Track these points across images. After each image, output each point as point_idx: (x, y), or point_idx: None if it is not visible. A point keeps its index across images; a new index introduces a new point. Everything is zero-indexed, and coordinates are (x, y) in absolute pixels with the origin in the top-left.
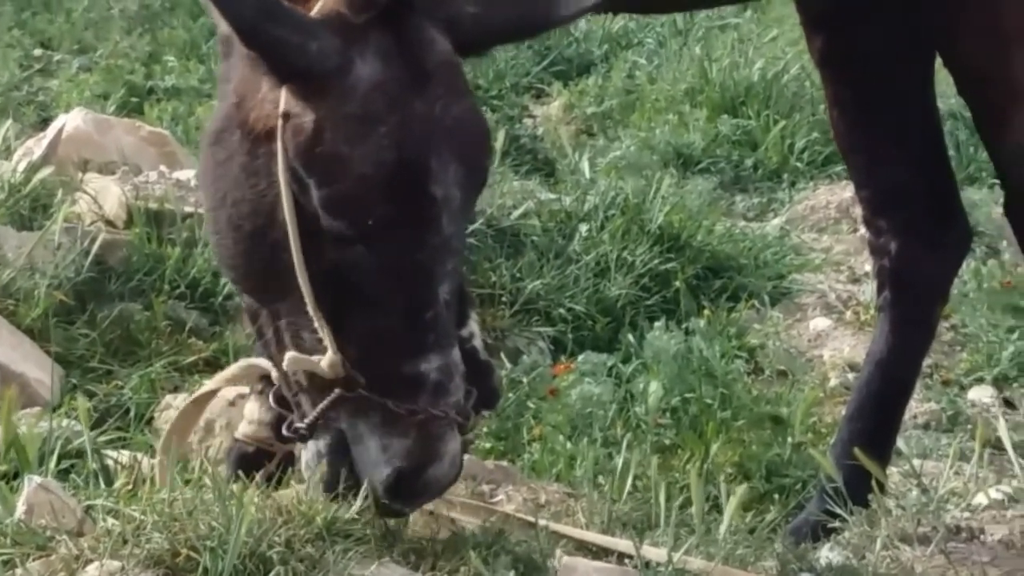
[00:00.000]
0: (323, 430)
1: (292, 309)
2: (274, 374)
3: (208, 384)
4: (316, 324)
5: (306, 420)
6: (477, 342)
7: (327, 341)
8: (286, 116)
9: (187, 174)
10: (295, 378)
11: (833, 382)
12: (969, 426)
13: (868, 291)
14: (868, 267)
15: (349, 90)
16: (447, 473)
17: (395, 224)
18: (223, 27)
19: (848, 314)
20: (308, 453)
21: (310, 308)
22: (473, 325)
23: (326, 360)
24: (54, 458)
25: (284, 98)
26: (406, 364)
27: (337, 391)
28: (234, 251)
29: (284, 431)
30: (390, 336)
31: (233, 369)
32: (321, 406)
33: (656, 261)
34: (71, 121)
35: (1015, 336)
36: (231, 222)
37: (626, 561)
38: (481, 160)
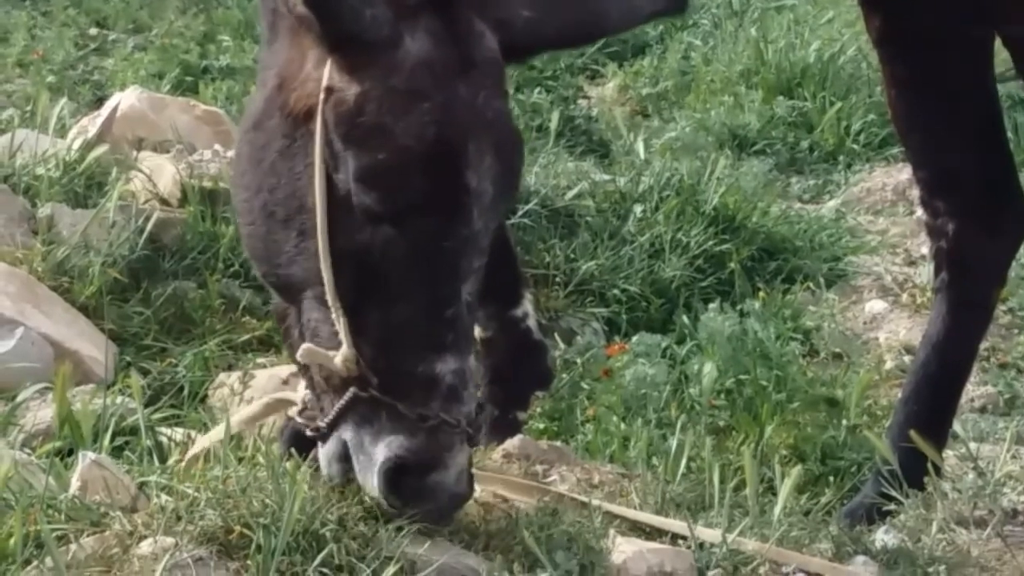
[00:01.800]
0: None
1: (314, 303)
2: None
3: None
4: (334, 315)
5: (325, 420)
6: (531, 322)
7: (342, 334)
8: (329, 91)
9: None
10: (317, 377)
11: (889, 364)
12: None
13: (924, 273)
14: (924, 249)
15: (397, 63)
16: (452, 486)
17: (427, 205)
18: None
19: (904, 296)
20: (323, 455)
21: (329, 295)
22: (527, 305)
23: (340, 355)
24: (108, 435)
25: (328, 73)
26: (422, 362)
27: (352, 391)
28: (266, 240)
29: (307, 431)
30: (408, 330)
31: (257, 407)
32: (338, 406)
33: (711, 242)
34: (126, 100)
35: None
36: (265, 209)
37: (680, 542)
38: (514, 160)
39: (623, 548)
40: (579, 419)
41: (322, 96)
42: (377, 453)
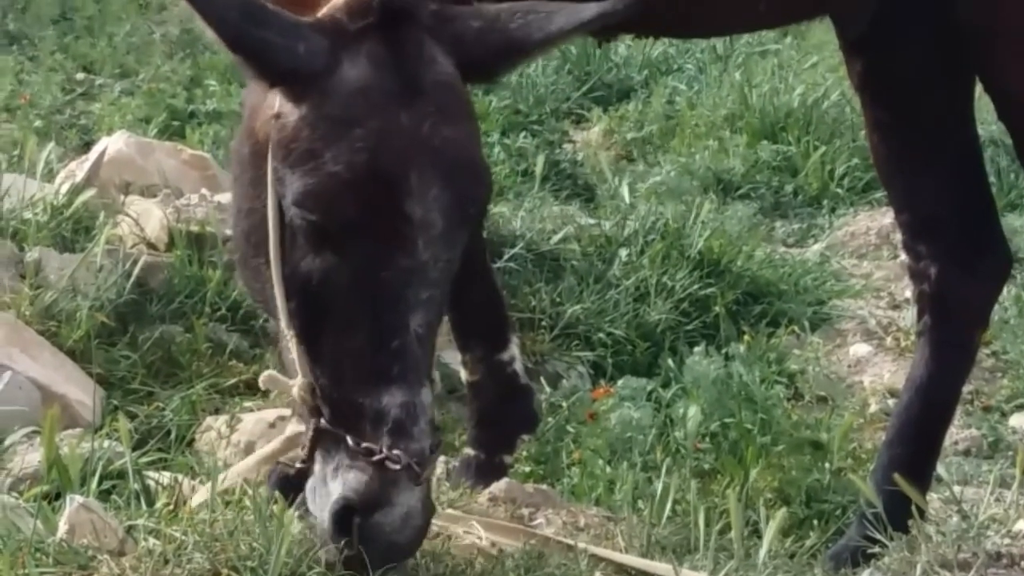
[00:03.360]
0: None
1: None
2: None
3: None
4: (289, 342)
5: (301, 458)
6: (518, 366)
7: (297, 362)
8: (276, 117)
9: (228, 197)
10: (301, 409)
11: (873, 408)
12: (1010, 453)
13: (908, 317)
14: (908, 293)
15: (332, 90)
16: (398, 526)
17: (363, 233)
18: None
19: (888, 340)
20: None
21: (283, 322)
22: (514, 349)
23: (296, 383)
24: (96, 479)
25: (277, 100)
26: (368, 394)
27: (313, 423)
28: (248, 267)
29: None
30: (354, 361)
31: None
32: (307, 441)
33: (696, 286)
34: (113, 144)
35: None
36: (244, 235)
37: None
38: (471, 190)
39: None
40: (565, 462)
41: (272, 122)
42: (332, 491)
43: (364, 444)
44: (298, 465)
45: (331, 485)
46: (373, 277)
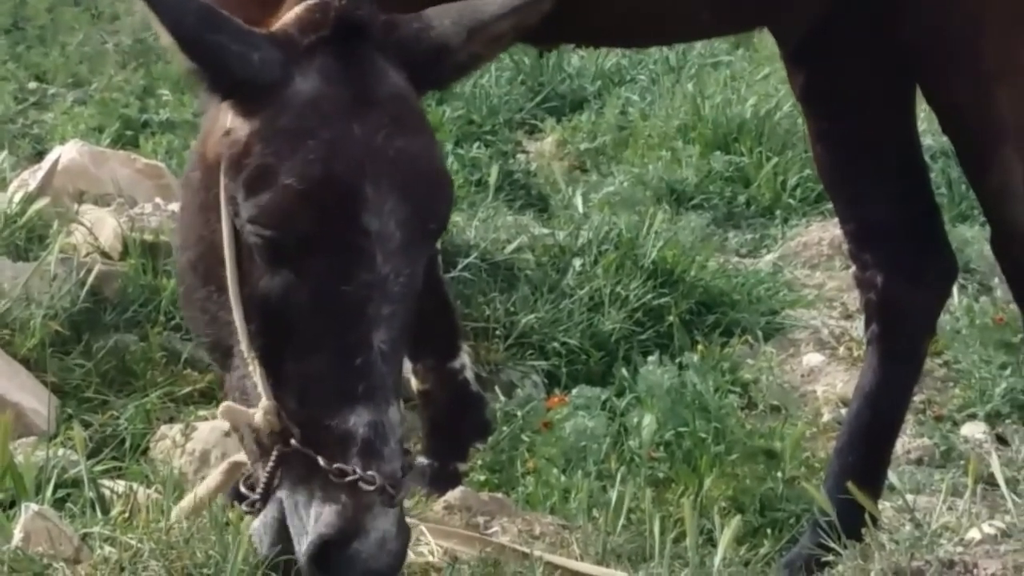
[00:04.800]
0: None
1: (239, 359)
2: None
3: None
4: (250, 366)
5: (257, 490)
6: (469, 374)
7: (260, 386)
8: (227, 133)
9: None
10: (250, 444)
11: (826, 417)
12: (962, 462)
13: (861, 327)
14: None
15: (285, 103)
16: (375, 554)
17: (321, 247)
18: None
19: (841, 350)
20: (257, 523)
21: (243, 345)
22: (465, 357)
23: (260, 408)
24: (51, 487)
25: (228, 116)
26: (334, 415)
27: (277, 449)
28: (193, 299)
29: (242, 506)
30: (318, 381)
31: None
32: (266, 469)
33: (650, 296)
34: (67, 153)
35: (1007, 372)
36: (191, 264)
37: None
38: (430, 201)
39: None
40: (519, 471)
41: (223, 140)
42: (309, 522)
43: (336, 465)
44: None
45: (307, 514)
46: (333, 293)
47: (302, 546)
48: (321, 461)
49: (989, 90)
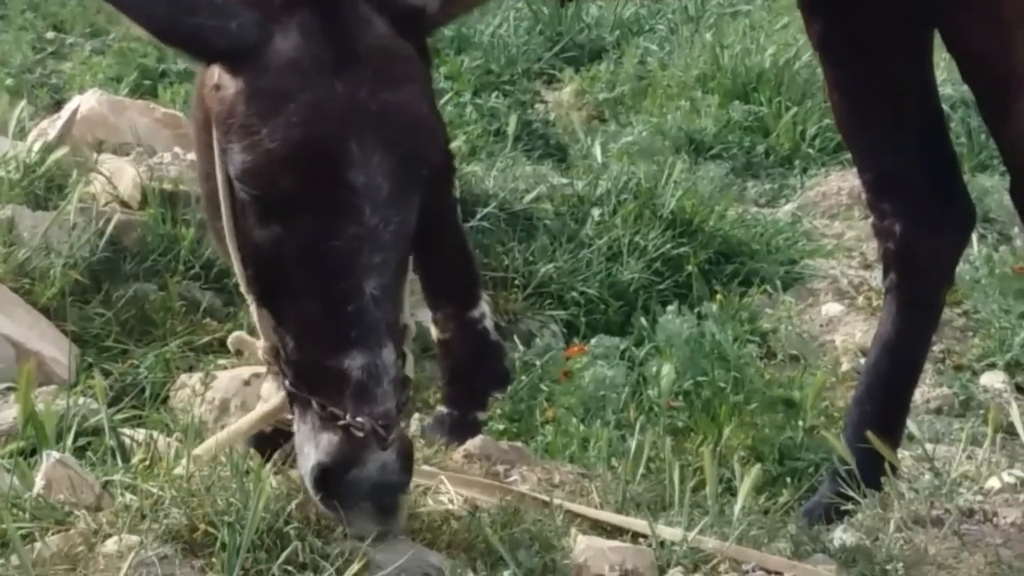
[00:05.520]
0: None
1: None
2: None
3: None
4: (250, 307)
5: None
6: (488, 323)
7: (258, 327)
8: (217, 88)
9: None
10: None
11: (845, 367)
12: (981, 411)
13: (879, 277)
14: None
15: (265, 64)
16: (373, 476)
17: (307, 206)
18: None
19: (860, 299)
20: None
21: (242, 285)
22: (484, 306)
23: (260, 346)
24: (71, 435)
25: (217, 71)
26: (328, 357)
27: (281, 383)
28: (213, 227)
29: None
30: (312, 326)
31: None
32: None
33: (668, 246)
34: (86, 102)
35: None
36: (206, 196)
37: (640, 540)
38: (418, 150)
39: (584, 546)
40: (538, 420)
41: (213, 93)
42: (310, 453)
43: (329, 408)
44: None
45: (307, 448)
46: (321, 247)
47: (307, 470)
48: (315, 403)
49: (1010, 37)
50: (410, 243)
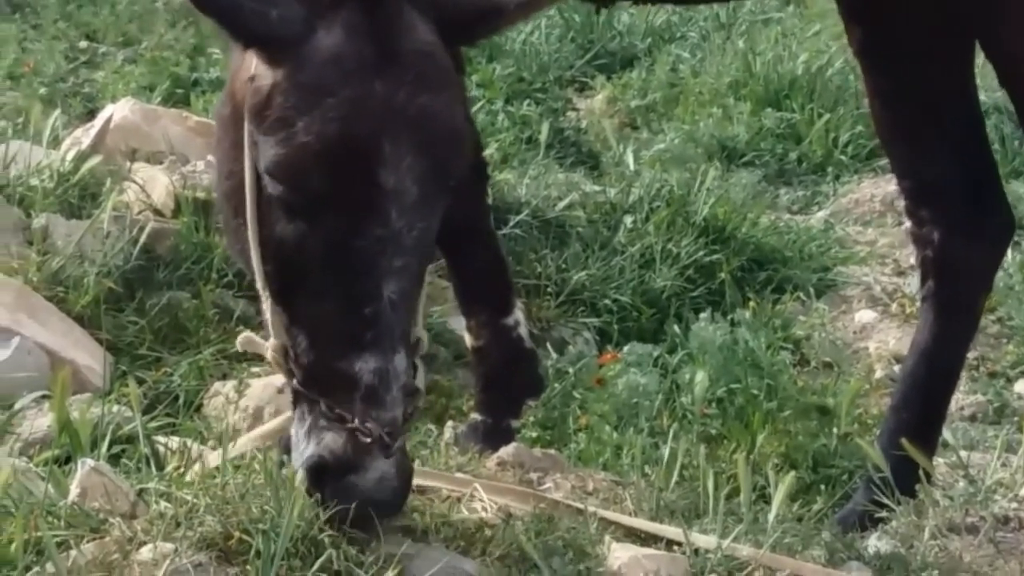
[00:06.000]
0: None
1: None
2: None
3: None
4: (263, 304)
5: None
6: (523, 330)
7: (269, 324)
8: (251, 80)
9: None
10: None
11: (879, 374)
12: (1016, 418)
13: (913, 284)
14: (913, 260)
15: (306, 58)
16: (371, 488)
17: (335, 204)
18: None
19: (893, 306)
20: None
21: (259, 284)
22: (519, 313)
23: (268, 346)
24: (106, 443)
25: (253, 63)
26: (340, 359)
27: (289, 384)
28: (229, 228)
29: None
30: (327, 326)
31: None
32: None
33: (701, 253)
34: (119, 111)
35: None
36: (225, 195)
37: (675, 548)
38: (449, 157)
39: (619, 554)
40: (572, 428)
41: (248, 85)
42: (306, 449)
43: (337, 411)
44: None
45: (307, 443)
46: (345, 246)
47: (304, 459)
48: (323, 405)
49: None
50: (431, 252)
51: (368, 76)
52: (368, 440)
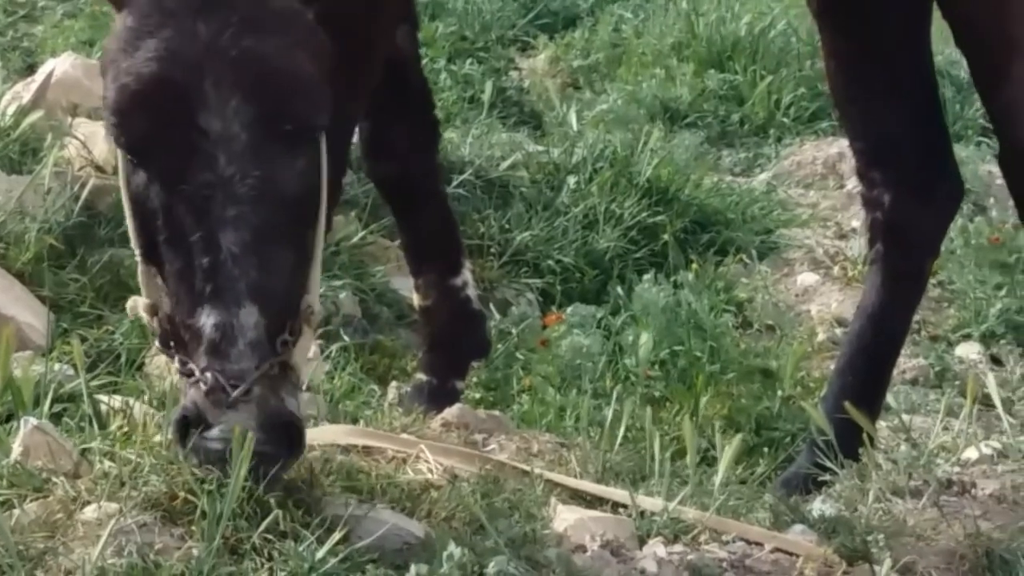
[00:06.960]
0: None
1: None
2: None
3: None
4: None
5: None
6: (470, 291)
7: (141, 282)
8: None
9: None
10: None
11: (821, 337)
12: (957, 382)
13: (855, 247)
14: (855, 223)
15: (136, 3)
16: (215, 448)
17: (160, 147)
18: None
19: (835, 269)
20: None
21: (132, 243)
22: (467, 274)
23: (141, 303)
24: (48, 401)
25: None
26: (185, 314)
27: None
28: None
29: None
30: (174, 281)
31: None
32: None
33: (644, 214)
34: (60, 66)
35: (1002, 293)
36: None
37: (620, 510)
38: (281, 102)
39: (565, 516)
40: (515, 389)
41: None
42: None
43: (189, 365)
44: None
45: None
46: (174, 193)
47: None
48: (176, 360)
49: (1006, 4)
50: (301, 210)
51: (188, 17)
52: (204, 389)
